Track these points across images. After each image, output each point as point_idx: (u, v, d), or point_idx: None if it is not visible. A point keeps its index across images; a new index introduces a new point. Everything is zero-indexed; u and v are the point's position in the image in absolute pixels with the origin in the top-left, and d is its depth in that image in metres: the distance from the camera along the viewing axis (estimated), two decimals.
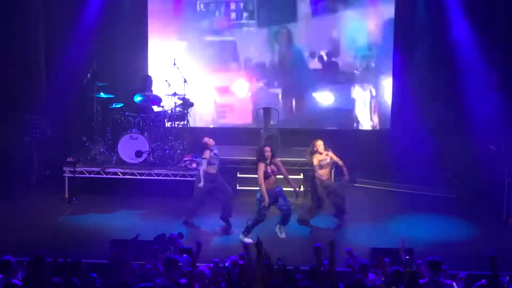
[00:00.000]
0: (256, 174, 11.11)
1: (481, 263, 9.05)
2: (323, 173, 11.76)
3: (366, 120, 15.60)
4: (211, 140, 11.79)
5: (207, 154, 11.67)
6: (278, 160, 11.32)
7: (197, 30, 15.41)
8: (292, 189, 11.32)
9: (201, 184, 11.65)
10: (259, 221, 11.18)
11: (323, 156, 11.77)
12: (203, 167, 11.68)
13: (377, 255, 8.70)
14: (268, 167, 11.08)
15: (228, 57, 15.59)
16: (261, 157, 11.10)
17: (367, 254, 9.55)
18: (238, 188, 13.62)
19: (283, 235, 11.30)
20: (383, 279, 8.02)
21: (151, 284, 7.63)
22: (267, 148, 11.19)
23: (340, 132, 15.27)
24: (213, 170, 11.75)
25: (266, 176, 11.05)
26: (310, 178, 12.03)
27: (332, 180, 12.54)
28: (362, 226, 12.04)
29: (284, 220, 11.34)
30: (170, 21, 15.39)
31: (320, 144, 11.80)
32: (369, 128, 15.62)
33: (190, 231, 11.48)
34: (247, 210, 12.05)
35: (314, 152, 11.77)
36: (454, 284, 7.99)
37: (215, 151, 11.81)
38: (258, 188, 11.19)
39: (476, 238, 11.73)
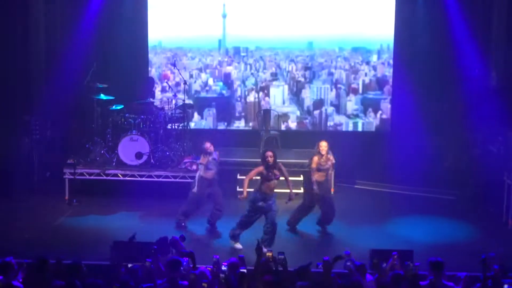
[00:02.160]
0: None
1: (480, 265, 9.06)
2: (318, 176, 11.59)
3: (365, 122, 15.60)
4: (211, 146, 11.76)
5: (204, 159, 11.68)
6: (281, 164, 11.08)
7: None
8: (288, 190, 11.15)
9: (195, 190, 11.69)
10: (245, 224, 11.06)
11: (323, 158, 11.61)
12: (200, 172, 11.71)
13: (374, 257, 8.71)
14: (269, 172, 10.89)
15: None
16: (263, 162, 10.94)
17: (367, 255, 9.57)
18: (238, 189, 13.61)
19: (238, 245, 10.95)
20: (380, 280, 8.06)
21: (151, 285, 7.65)
22: (268, 153, 10.94)
23: (340, 133, 15.29)
24: (210, 175, 11.76)
25: (267, 179, 10.93)
26: (307, 177, 11.90)
27: (330, 185, 12.46)
28: (362, 227, 12.04)
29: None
30: (170, 23, 15.39)
31: (322, 145, 11.58)
32: (369, 129, 15.61)
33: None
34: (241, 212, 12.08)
35: (316, 152, 11.62)
36: (454, 285, 8.01)
37: (214, 157, 11.81)
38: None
39: (476, 240, 11.74)
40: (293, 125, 15.65)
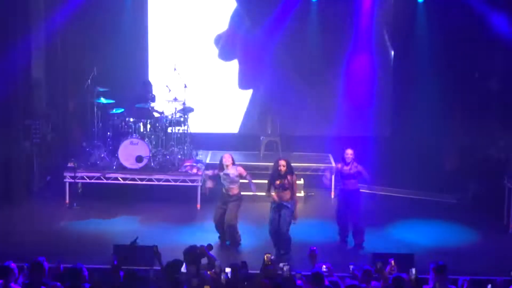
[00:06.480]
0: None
1: (481, 269, 9.07)
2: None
3: (365, 126, 15.60)
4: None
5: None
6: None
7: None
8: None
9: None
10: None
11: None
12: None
13: (376, 261, 8.71)
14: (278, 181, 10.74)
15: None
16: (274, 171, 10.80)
17: (368, 259, 9.56)
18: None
19: None
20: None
21: None
22: (281, 162, 10.75)
23: (340, 137, 15.27)
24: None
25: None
26: None
27: None
28: None
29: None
30: (171, 26, 15.42)
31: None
32: (369, 133, 15.60)
33: None
34: (245, 215, 12.08)
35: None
36: None
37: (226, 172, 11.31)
38: (259, 194, 11.19)
39: (477, 244, 11.73)
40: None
